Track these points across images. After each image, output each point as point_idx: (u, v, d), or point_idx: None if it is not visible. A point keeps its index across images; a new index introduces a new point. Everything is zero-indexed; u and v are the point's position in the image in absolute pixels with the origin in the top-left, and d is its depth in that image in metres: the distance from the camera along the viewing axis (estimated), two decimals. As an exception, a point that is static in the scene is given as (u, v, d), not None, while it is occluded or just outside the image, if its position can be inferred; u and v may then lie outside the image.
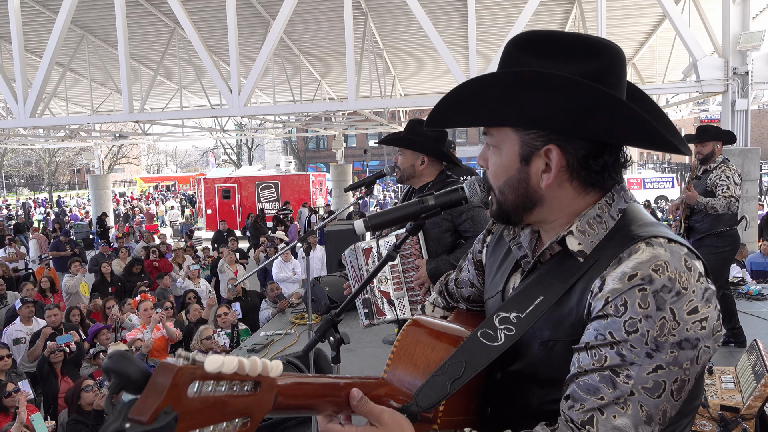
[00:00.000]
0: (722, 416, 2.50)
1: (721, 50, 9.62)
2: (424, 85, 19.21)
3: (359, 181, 3.45)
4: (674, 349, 0.91)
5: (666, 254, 0.94)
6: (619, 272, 0.95)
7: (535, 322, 1.04)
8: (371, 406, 0.96)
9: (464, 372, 1.02)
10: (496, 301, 1.23)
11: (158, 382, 0.64)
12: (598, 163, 1.03)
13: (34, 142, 23.59)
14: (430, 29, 9.25)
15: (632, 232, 1.00)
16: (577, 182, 1.05)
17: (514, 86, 0.99)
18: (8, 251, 14.19)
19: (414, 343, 1.14)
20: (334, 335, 1.51)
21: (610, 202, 1.06)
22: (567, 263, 1.05)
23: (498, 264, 1.27)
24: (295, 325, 6.84)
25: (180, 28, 12.16)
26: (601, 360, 0.93)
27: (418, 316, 1.26)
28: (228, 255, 10.38)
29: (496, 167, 1.10)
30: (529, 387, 1.09)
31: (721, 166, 5.02)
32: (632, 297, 0.92)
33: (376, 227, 1.33)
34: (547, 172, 1.04)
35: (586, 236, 1.04)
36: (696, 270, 0.94)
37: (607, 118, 0.97)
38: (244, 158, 46.25)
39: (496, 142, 1.08)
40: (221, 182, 24.59)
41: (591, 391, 0.93)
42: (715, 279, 4.52)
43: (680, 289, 0.91)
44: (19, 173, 53.60)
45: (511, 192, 1.08)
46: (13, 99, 10.22)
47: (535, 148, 1.03)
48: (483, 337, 1.05)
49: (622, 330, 0.92)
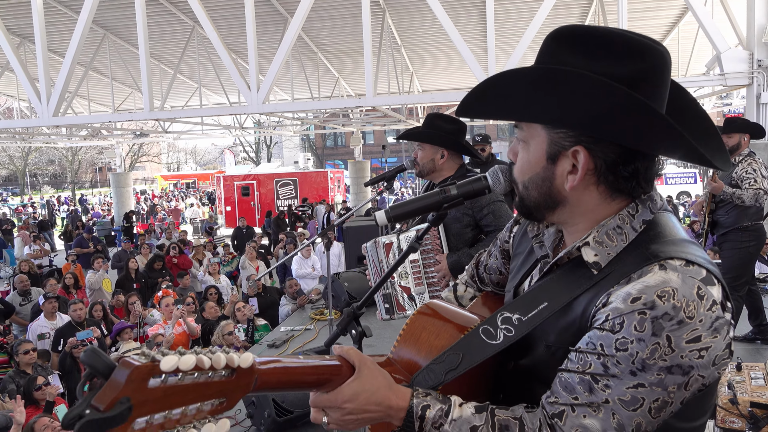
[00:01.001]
0: (752, 413, 2.45)
1: (745, 42, 9.42)
2: (443, 80, 19.13)
3: (379, 175, 3.44)
4: (662, 373, 0.90)
5: (677, 280, 0.91)
6: (624, 292, 0.93)
7: (540, 326, 1.04)
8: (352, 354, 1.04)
9: (460, 364, 1.06)
10: (510, 298, 1.25)
11: (117, 376, 0.74)
12: (627, 169, 1.00)
13: (57, 141, 23.96)
14: (448, 24, 9.19)
15: (650, 249, 0.97)
16: (603, 187, 1.02)
17: (546, 83, 0.97)
18: (33, 248, 14.44)
19: (420, 328, 1.19)
20: (356, 328, 1.50)
21: (633, 213, 1.02)
22: (579, 272, 1.04)
23: (522, 260, 1.27)
24: (314, 320, 6.86)
25: (199, 26, 12.24)
26: (585, 365, 0.95)
27: (430, 301, 1.28)
28: (249, 251, 10.45)
29: (523, 162, 1.08)
30: (535, 383, 1.11)
31: (747, 159, 4.92)
32: (630, 319, 0.91)
33: (399, 218, 1.31)
34: (573, 173, 1.01)
35: (604, 247, 1.02)
36: (709, 298, 0.91)
37: (637, 124, 0.94)
38: (262, 156, 46.52)
39: (525, 137, 1.07)
40: (240, 179, 24.76)
41: (568, 389, 0.96)
42: (741, 274, 4.45)
43: (683, 318, 0.89)
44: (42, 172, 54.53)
45: (534, 189, 1.07)
46: (36, 98, 10.37)
47: (562, 147, 1.01)
48: (483, 333, 1.08)
49: (612, 346, 0.92)
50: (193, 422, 0.80)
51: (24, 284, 9.02)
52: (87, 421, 0.70)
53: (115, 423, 0.71)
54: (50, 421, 4.27)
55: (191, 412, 0.80)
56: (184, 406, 0.79)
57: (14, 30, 13.17)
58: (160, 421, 0.77)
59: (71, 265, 11.49)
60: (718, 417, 2.55)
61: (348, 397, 1.00)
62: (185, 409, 0.79)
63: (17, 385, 5.28)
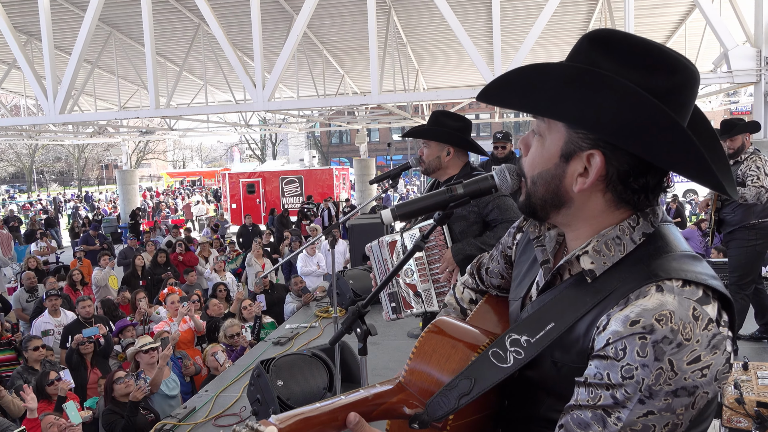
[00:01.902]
0: (758, 413, 2.44)
1: (753, 39, 9.36)
2: (448, 78, 19.10)
3: (384, 173, 3.44)
4: (669, 397, 0.90)
5: (673, 303, 0.91)
6: (623, 315, 0.93)
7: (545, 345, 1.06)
8: (366, 430, 1.02)
9: (473, 389, 1.06)
10: (516, 308, 1.25)
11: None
12: (638, 182, 1.00)
13: (63, 138, 24.04)
14: (453, 22, 9.17)
15: (651, 267, 0.98)
16: (610, 195, 1.02)
17: (579, 83, 0.96)
18: (40, 245, 14.51)
19: (431, 351, 1.19)
20: (360, 327, 1.50)
21: (633, 225, 1.03)
22: (582, 289, 1.04)
23: (526, 268, 1.27)
24: (319, 318, 6.87)
25: (205, 23, 12.26)
26: (595, 399, 0.95)
27: (439, 318, 1.28)
28: (256, 249, 10.47)
29: (535, 156, 1.07)
30: (540, 394, 1.12)
31: (752, 156, 4.90)
32: (632, 344, 0.91)
33: (404, 216, 1.31)
34: (583, 176, 1.01)
35: (601, 256, 1.03)
36: (704, 318, 0.91)
37: (661, 139, 0.93)
38: (268, 153, 46.58)
39: (543, 130, 1.06)
40: (246, 177, 24.80)
41: (582, 425, 0.96)
42: (748, 273, 4.45)
43: (682, 341, 0.89)
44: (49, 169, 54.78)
45: (542, 185, 1.06)
46: (43, 96, 10.41)
47: (579, 148, 1.00)
48: (493, 357, 1.08)
49: (618, 375, 0.92)
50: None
51: (31, 281, 9.06)
52: None
53: None
54: (56, 418, 4.29)
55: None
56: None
57: (21, 28, 13.22)
58: None
59: (77, 262, 11.54)
60: (724, 417, 2.54)
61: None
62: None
63: (26, 381, 5.31)
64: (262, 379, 3.89)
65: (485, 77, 8.41)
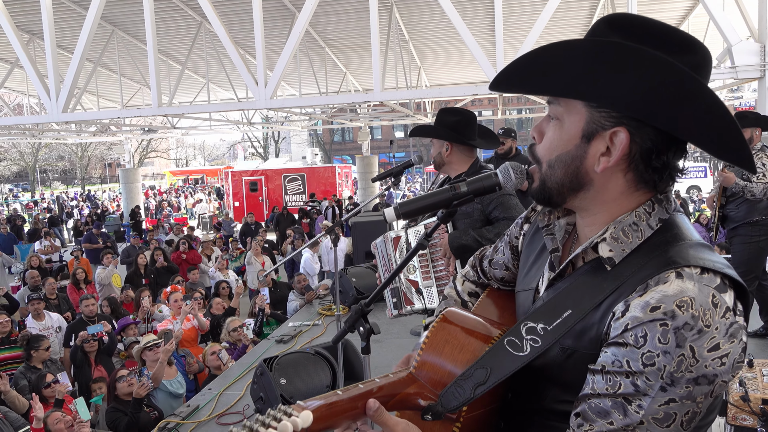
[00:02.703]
0: (764, 410, 2.43)
1: (757, 35, 9.32)
2: (451, 75, 19.06)
3: (387, 171, 3.43)
4: (690, 385, 0.90)
5: (694, 289, 0.91)
6: (643, 301, 0.92)
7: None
8: (386, 418, 0.98)
9: (488, 379, 1.04)
10: (527, 297, 1.22)
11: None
12: (660, 160, 0.99)
13: (66, 137, 24.07)
14: (456, 19, 9.14)
15: (669, 254, 0.97)
16: (631, 175, 1.01)
17: (603, 56, 0.94)
18: (43, 244, 14.54)
19: (443, 342, 1.16)
20: (363, 325, 1.49)
21: (649, 210, 1.02)
22: (599, 275, 1.03)
23: (534, 258, 1.25)
24: (322, 316, 6.87)
25: (207, 21, 12.25)
26: (615, 387, 0.94)
27: (448, 310, 1.25)
28: (255, 247, 10.47)
29: (553, 140, 1.06)
30: (545, 384, 1.10)
31: (759, 153, 4.88)
32: (653, 331, 0.90)
33: (407, 215, 1.30)
34: (606, 155, 1.00)
35: (619, 243, 1.02)
36: (722, 305, 0.91)
37: (694, 111, 0.92)
38: (270, 151, 46.60)
39: (561, 113, 1.04)
40: (248, 175, 24.82)
41: (602, 414, 0.94)
42: (751, 269, 4.42)
43: (702, 327, 0.89)
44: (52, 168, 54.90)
45: (561, 168, 1.05)
46: (46, 95, 10.42)
47: (602, 127, 0.99)
48: (509, 345, 1.06)
49: (639, 362, 0.91)
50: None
51: (35, 280, 9.08)
52: None
53: None
54: (62, 415, 4.30)
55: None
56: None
57: (23, 27, 13.23)
58: None
59: (75, 261, 11.53)
60: (729, 414, 2.53)
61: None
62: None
63: (29, 380, 5.32)
64: (265, 377, 3.89)
65: (487, 74, 8.38)
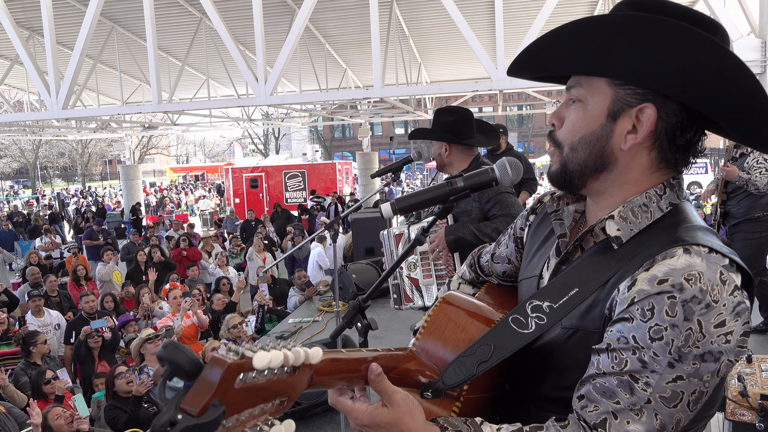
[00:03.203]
0: (762, 405, 2.43)
1: (758, 30, 9.28)
2: (451, 71, 19.02)
3: (386, 167, 3.43)
4: (696, 361, 0.88)
5: (702, 264, 0.90)
6: (650, 275, 0.92)
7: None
8: (386, 385, 0.95)
9: (492, 356, 1.02)
10: (530, 284, 1.21)
11: (209, 376, 0.68)
12: (684, 137, 0.99)
13: (66, 134, 24.08)
14: (456, 15, 9.12)
15: (676, 234, 0.96)
16: (655, 153, 1.01)
17: (629, 32, 0.93)
18: (44, 240, 14.54)
19: (445, 321, 1.15)
20: (361, 321, 1.49)
21: (660, 193, 1.02)
22: (607, 255, 1.02)
23: (537, 246, 1.25)
24: (322, 312, 6.88)
25: (206, 18, 12.24)
26: (621, 364, 0.92)
27: (449, 293, 1.24)
28: (257, 243, 10.48)
29: (576, 121, 1.04)
30: (543, 371, 1.09)
31: None
32: (660, 303, 0.89)
33: (404, 210, 1.30)
34: (633, 133, 0.99)
35: (627, 223, 1.01)
36: (731, 283, 0.91)
37: (725, 83, 0.91)
38: (270, 148, 46.57)
39: (584, 95, 1.03)
40: (249, 172, 24.80)
41: (607, 394, 0.92)
42: (753, 266, 4.41)
43: (710, 302, 0.88)
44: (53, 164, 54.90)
45: (585, 149, 1.03)
46: (45, 91, 10.41)
47: (628, 105, 0.99)
48: (514, 323, 1.04)
49: (647, 336, 0.90)
50: (258, 424, 0.75)
51: (36, 276, 9.09)
52: (183, 429, 0.64)
53: (210, 429, 0.66)
54: (63, 411, 4.30)
55: (256, 413, 0.75)
56: (254, 407, 0.74)
57: (23, 23, 13.21)
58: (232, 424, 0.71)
59: (73, 258, 11.52)
60: (728, 410, 2.53)
61: (372, 421, 0.95)
62: (254, 410, 0.74)
63: (28, 376, 5.33)
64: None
65: (488, 70, 8.37)
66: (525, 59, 1.06)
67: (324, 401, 3.95)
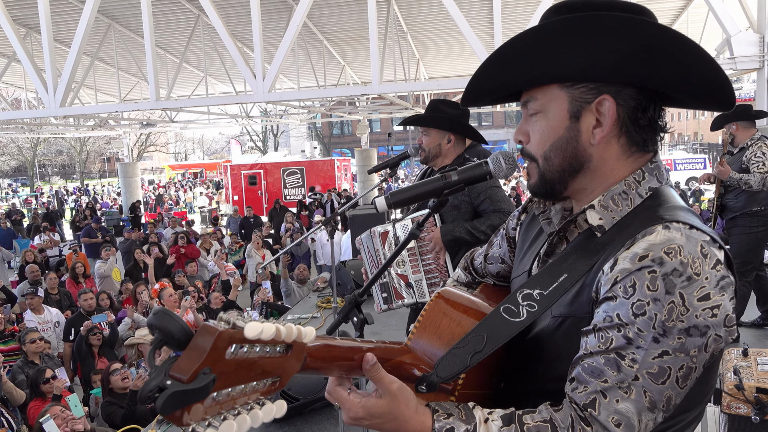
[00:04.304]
0: (758, 398, 2.44)
1: (756, 25, 9.29)
2: (449, 67, 19.02)
3: (383, 162, 3.42)
4: (682, 336, 0.89)
5: (681, 238, 0.91)
6: (631, 253, 0.93)
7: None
8: (382, 374, 0.96)
9: (485, 346, 1.02)
10: (522, 281, 1.22)
11: (199, 343, 0.67)
12: (645, 117, 1.02)
13: (64, 131, 24.04)
14: (454, 11, 9.11)
15: (657, 213, 0.98)
16: (624, 139, 1.03)
17: (568, 34, 0.96)
18: (43, 238, 14.53)
19: (440, 315, 1.15)
20: (357, 316, 1.49)
21: (639, 179, 1.04)
22: (592, 242, 1.03)
23: (528, 244, 1.26)
24: (321, 308, 6.88)
25: (204, 15, 12.22)
26: (606, 342, 0.92)
27: (444, 288, 1.25)
28: (256, 240, 10.48)
29: (542, 131, 1.06)
30: (536, 363, 1.09)
31: (758, 143, 4.87)
32: (641, 279, 0.90)
33: (398, 204, 1.31)
34: (598, 126, 1.02)
35: (608, 211, 1.03)
36: (713, 257, 0.91)
37: (671, 59, 0.95)
38: (269, 145, 46.52)
39: (541, 105, 1.05)
40: (247, 169, 24.78)
41: (595, 373, 0.93)
42: (749, 260, 4.41)
43: (692, 274, 0.89)
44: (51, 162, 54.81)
45: (558, 154, 1.05)
46: (43, 89, 10.40)
47: (586, 102, 1.01)
48: (505, 312, 1.05)
49: (630, 312, 0.90)
50: (248, 402, 0.74)
51: (35, 274, 9.09)
52: (172, 393, 0.63)
53: (199, 396, 0.65)
54: (61, 410, 4.30)
55: (248, 391, 0.74)
56: (246, 383, 0.73)
57: (20, 20, 13.18)
58: (222, 398, 0.70)
59: (73, 255, 11.52)
60: (724, 403, 2.54)
61: (367, 413, 0.95)
62: (245, 387, 0.73)
63: (26, 374, 5.33)
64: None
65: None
66: (475, 88, 1.08)
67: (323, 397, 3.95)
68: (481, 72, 1.05)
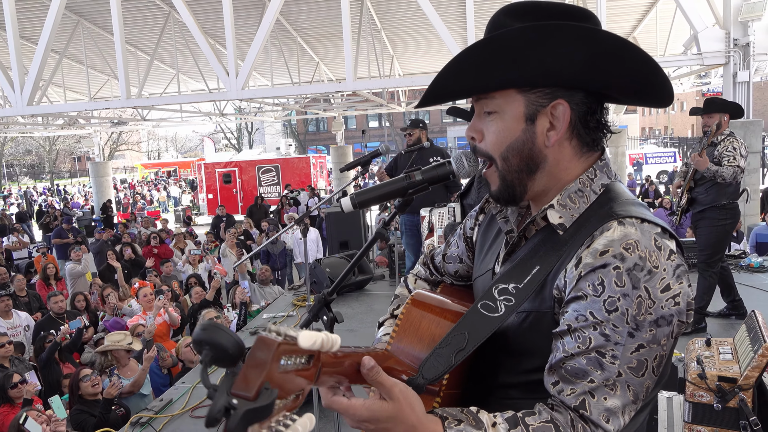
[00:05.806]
0: (720, 387, 2.51)
1: (722, 21, 9.49)
2: (423, 64, 19.05)
3: (355, 160, 3.43)
4: (652, 328, 0.93)
5: (636, 233, 0.96)
6: (592, 249, 0.97)
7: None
8: (383, 377, 0.93)
9: (467, 343, 1.03)
10: (485, 279, 1.24)
11: (258, 357, 0.64)
12: (594, 119, 1.06)
13: (33, 131, 23.55)
14: (427, 8, 9.15)
15: (611, 209, 1.02)
16: (576, 140, 1.07)
17: (528, 43, 0.98)
18: (11, 240, 14.22)
19: (419, 318, 1.15)
20: (327, 314, 1.50)
21: (591, 177, 1.08)
22: (554, 238, 1.06)
23: (489, 244, 1.28)
24: (296, 307, 6.87)
25: (175, 11, 12.05)
26: (585, 342, 0.95)
27: (417, 292, 1.26)
28: (230, 239, 10.40)
29: (498, 132, 1.08)
30: (501, 358, 1.11)
31: (729, 138, 4.99)
32: (608, 276, 0.94)
33: (363, 204, 1.32)
34: (552, 129, 1.05)
35: (567, 210, 1.06)
36: (666, 248, 0.96)
37: (620, 65, 1.00)
38: (244, 142, 46.13)
39: (497, 106, 1.07)
40: (222, 167, 24.54)
41: (580, 375, 0.95)
42: (716, 251, 4.51)
43: (651, 268, 0.93)
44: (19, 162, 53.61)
45: (515, 155, 1.07)
46: (9, 87, 10.17)
47: (541, 106, 1.04)
48: (483, 308, 1.06)
49: (603, 309, 0.94)
50: (280, 419, 0.68)
51: (2, 277, 8.89)
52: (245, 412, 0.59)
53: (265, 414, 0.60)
54: (38, 415, 4.17)
55: (281, 407, 0.68)
56: (283, 399, 0.68)
57: (-16, 17, 12.86)
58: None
59: (42, 257, 11.28)
60: (687, 391, 2.61)
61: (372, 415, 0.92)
62: (279, 403, 0.67)
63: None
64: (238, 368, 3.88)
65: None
66: (435, 92, 1.10)
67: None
68: (439, 80, 1.07)
